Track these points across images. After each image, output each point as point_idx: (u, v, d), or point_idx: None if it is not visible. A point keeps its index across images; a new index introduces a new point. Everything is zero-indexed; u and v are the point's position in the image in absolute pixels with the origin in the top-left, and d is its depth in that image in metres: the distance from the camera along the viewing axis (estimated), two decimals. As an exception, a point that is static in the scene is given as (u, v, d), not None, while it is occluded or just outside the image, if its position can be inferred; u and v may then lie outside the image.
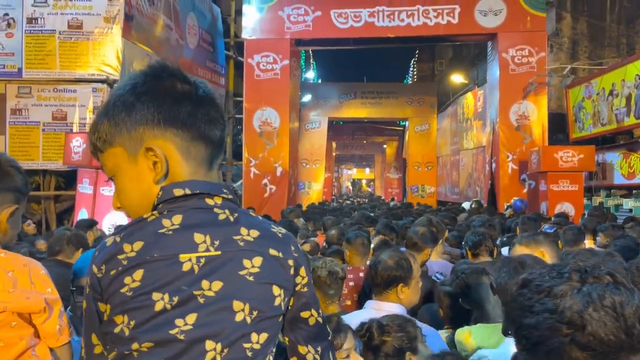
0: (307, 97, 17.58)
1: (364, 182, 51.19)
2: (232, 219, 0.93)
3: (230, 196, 0.96)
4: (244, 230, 0.93)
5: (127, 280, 0.87)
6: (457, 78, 17.67)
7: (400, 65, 37.46)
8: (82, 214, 6.58)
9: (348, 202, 19.61)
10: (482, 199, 12.29)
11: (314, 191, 17.23)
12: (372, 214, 6.62)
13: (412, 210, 8.93)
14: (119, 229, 0.92)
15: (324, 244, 4.21)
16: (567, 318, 0.75)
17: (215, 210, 0.93)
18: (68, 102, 7.86)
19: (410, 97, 18.39)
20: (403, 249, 2.82)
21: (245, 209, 1.01)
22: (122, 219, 6.04)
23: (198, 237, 0.90)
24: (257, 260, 0.91)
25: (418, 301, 2.24)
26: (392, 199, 18.95)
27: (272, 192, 11.72)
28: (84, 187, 6.74)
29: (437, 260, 3.51)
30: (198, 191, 0.93)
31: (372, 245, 3.43)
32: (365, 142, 28.63)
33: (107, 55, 7.78)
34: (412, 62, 29.78)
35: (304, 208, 10.03)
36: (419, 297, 2.21)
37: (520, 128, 10.95)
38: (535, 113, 10.88)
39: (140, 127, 0.92)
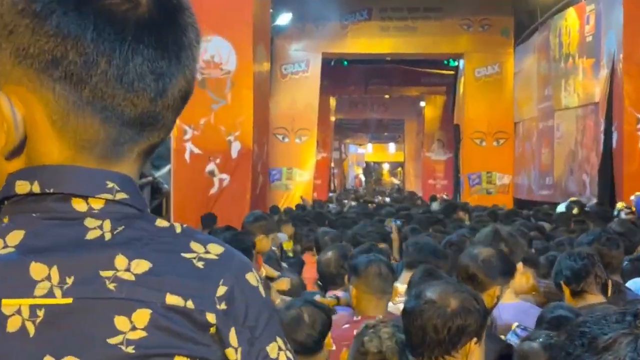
0: (284, 18, 17.53)
1: (385, 167, 51.33)
2: (108, 237, 0.95)
3: (121, 195, 0.97)
4: (120, 261, 0.94)
5: None
6: (549, -17, 17.67)
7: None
8: None
9: (354, 204, 19.58)
10: (593, 195, 12.32)
11: (298, 184, 17.26)
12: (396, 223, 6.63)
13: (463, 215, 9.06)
14: None
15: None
16: None
17: (87, 222, 0.95)
18: None
19: (468, 17, 18.45)
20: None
21: (153, 215, 1.01)
22: None
23: (37, 270, 0.91)
24: (141, 317, 0.92)
25: None
26: (434, 198, 18.97)
27: (224, 187, 11.79)
28: None
29: (513, 303, 3.58)
30: (57, 190, 0.95)
31: (399, 279, 3.56)
32: (387, 97, 28.68)
33: None
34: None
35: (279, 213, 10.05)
36: None
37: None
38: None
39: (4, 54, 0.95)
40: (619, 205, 9.57)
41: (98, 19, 0.94)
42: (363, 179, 48.88)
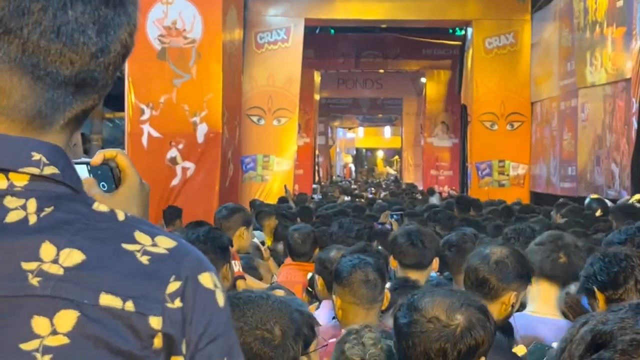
0: (260, -22, 17.50)
1: (379, 155, 51.40)
2: (32, 220, 0.94)
3: (50, 169, 0.96)
4: (47, 250, 0.93)
5: None
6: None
7: None
8: None
9: (347, 199, 19.62)
10: (623, 188, 12.38)
11: (276, 175, 17.25)
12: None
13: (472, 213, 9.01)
14: None
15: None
16: None
17: (6, 201, 0.94)
18: None
19: (477, -21, 18.53)
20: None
21: (89, 196, 1.02)
22: None
23: None
24: (65, 319, 0.92)
25: None
26: (432, 191, 18.93)
27: (188, 177, 11.86)
28: None
29: (555, 319, 3.66)
30: None
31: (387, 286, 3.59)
32: (382, 71, 28.73)
33: None
34: None
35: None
36: None
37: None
38: None
39: None
40: (636, 197, 9.56)
41: None
42: (353, 168, 48.93)
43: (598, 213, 10.19)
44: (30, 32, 0.93)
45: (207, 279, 1.00)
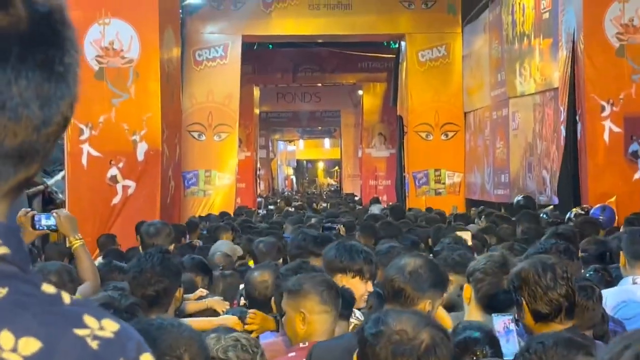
0: (197, -4, 17.44)
1: (320, 166, 51.48)
2: None
3: (2, 250, 0.97)
4: (6, 338, 0.93)
5: None
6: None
7: None
8: None
9: (291, 209, 19.58)
10: (554, 193, 12.53)
11: (218, 189, 17.14)
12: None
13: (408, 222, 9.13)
14: None
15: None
16: None
17: None
18: None
19: (410, -8, 18.67)
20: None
21: (36, 275, 1.02)
22: None
23: None
24: None
25: None
26: (376, 200, 19.06)
27: (129, 195, 11.76)
28: None
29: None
30: None
31: None
32: (320, 85, 28.76)
33: None
34: None
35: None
36: None
37: (625, 51, 11.22)
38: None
39: None
40: (573, 212, 9.63)
41: None
42: (294, 180, 48.97)
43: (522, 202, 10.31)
44: None
45: (148, 359, 1.02)
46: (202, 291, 5.10)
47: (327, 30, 19.13)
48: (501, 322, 3.37)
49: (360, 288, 3.94)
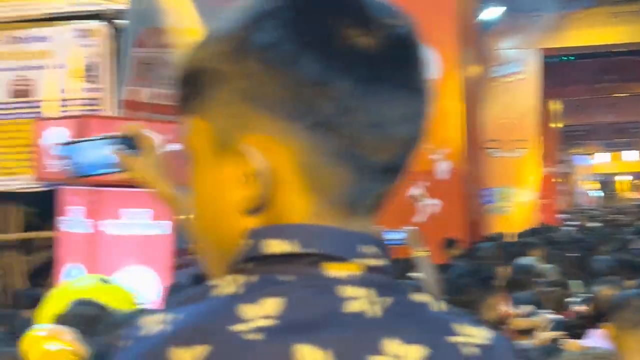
0: (491, 12, 17.51)
1: (617, 180, 50.32)
2: (378, 312, 0.95)
3: (379, 261, 0.97)
4: (391, 344, 0.93)
5: None
6: None
7: None
8: (70, 272, 6.86)
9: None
10: None
11: (517, 206, 17.00)
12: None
13: None
14: (174, 301, 0.97)
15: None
16: None
17: (339, 291, 0.95)
18: (34, 61, 8.32)
19: None
20: None
21: (405, 283, 1.05)
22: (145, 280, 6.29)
23: (309, 355, 0.92)
24: None
25: None
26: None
27: (432, 213, 11.99)
28: (73, 221, 7.05)
29: None
30: (315, 250, 0.96)
31: None
32: (619, 95, 28.24)
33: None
34: None
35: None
36: None
37: None
38: None
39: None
40: None
41: (347, 61, 0.98)
42: (596, 195, 48.57)
43: None
44: (352, 128, 0.97)
45: None
46: None
47: (628, 38, 18.65)
48: None
49: None
